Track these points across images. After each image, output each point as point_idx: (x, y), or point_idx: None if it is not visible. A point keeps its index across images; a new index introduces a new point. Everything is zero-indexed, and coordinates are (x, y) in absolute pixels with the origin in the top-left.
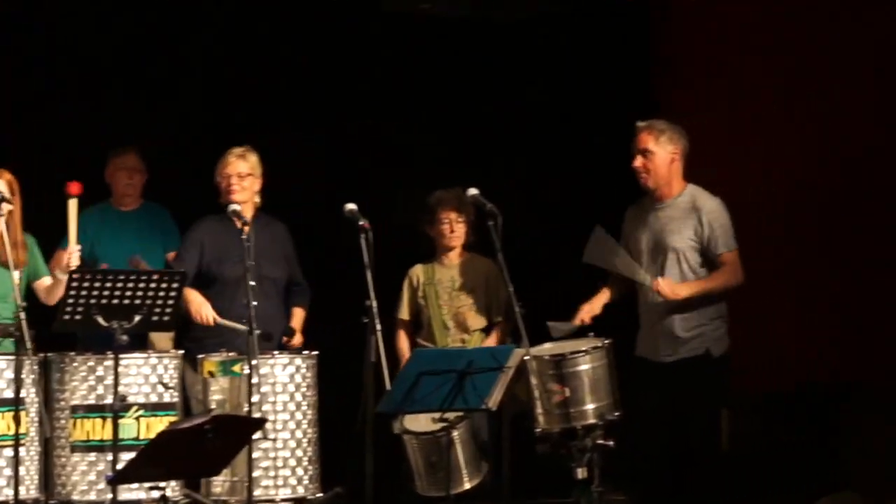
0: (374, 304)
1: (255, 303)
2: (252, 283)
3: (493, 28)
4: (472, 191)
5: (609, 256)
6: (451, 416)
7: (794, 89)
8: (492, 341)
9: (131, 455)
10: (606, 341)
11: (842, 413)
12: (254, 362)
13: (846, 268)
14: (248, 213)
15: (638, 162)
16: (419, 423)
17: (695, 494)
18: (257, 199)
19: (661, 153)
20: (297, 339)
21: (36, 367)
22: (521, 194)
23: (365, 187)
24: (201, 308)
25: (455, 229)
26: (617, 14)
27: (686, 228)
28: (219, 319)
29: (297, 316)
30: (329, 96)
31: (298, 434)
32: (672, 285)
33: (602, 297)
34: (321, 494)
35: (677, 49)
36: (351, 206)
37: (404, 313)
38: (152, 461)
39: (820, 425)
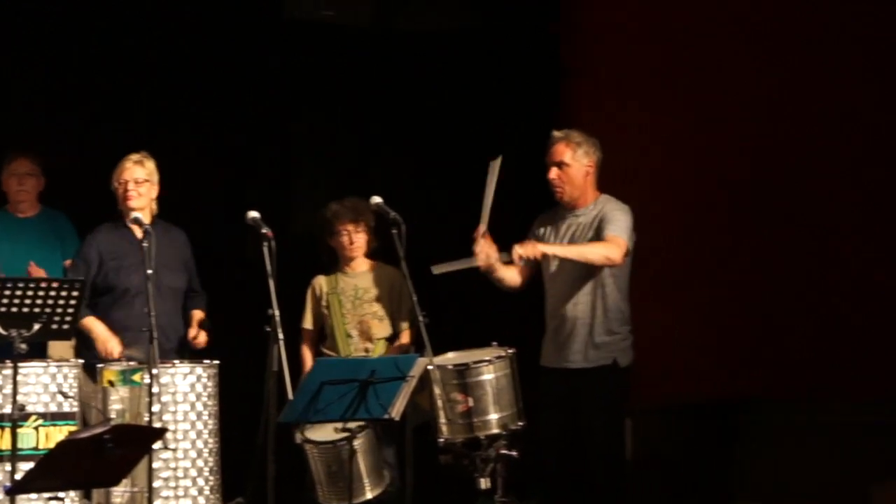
0: (277, 313)
1: (154, 312)
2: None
3: (396, 38)
4: (376, 199)
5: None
6: (353, 425)
7: (699, 101)
8: (399, 350)
9: (30, 465)
10: (510, 351)
11: (741, 425)
12: (154, 371)
13: (747, 283)
14: (146, 220)
15: (553, 174)
16: (321, 432)
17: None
18: (154, 207)
19: (576, 166)
20: (202, 338)
21: None
22: (427, 203)
23: (268, 195)
24: (107, 344)
25: (354, 240)
26: (525, 25)
27: (592, 235)
28: (125, 352)
29: (197, 316)
30: (230, 104)
31: (199, 444)
32: (535, 244)
33: (509, 269)
34: None
35: (586, 57)
36: (254, 214)
37: (308, 323)
38: (51, 471)
39: (719, 437)
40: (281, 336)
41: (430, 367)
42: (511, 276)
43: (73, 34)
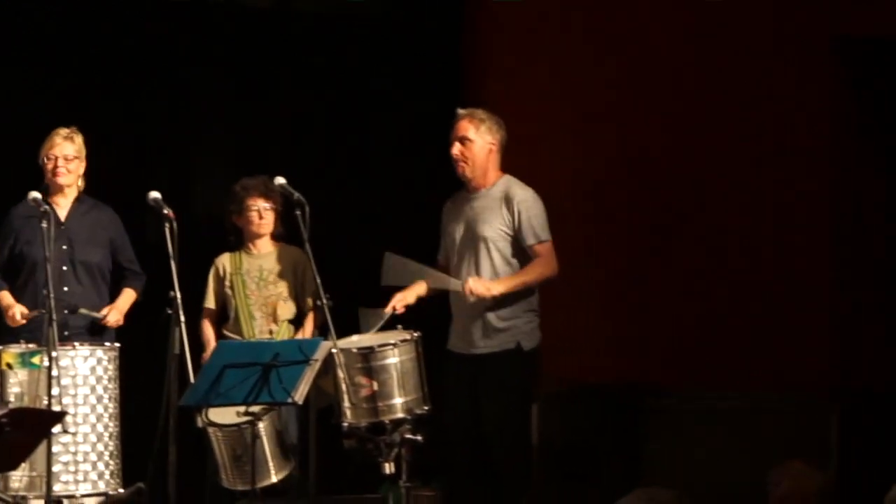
0: (179, 295)
1: (66, 288)
2: (65, 267)
3: (297, 18)
4: (279, 180)
5: (409, 276)
6: (256, 408)
7: (599, 82)
8: (305, 333)
9: None
10: (415, 334)
11: (646, 410)
12: (53, 354)
13: (649, 268)
14: (72, 197)
15: (455, 149)
16: (224, 415)
17: (504, 488)
18: (81, 183)
19: (479, 142)
20: (114, 317)
21: None
22: (331, 184)
23: (168, 176)
24: (9, 311)
25: (264, 216)
26: (427, 6)
27: (497, 218)
28: (26, 313)
29: (124, 295)
30: (127, 83)
31: (100, 428)
32: (485, 284)
33: (417, 288)
34: (123, 490)
35: (490, 41)
36: (154, 194)
37: (210, 302)
38: None
39: (625, 421)
40: (182, 318)
41: (333, 351)
42: (427, 288)
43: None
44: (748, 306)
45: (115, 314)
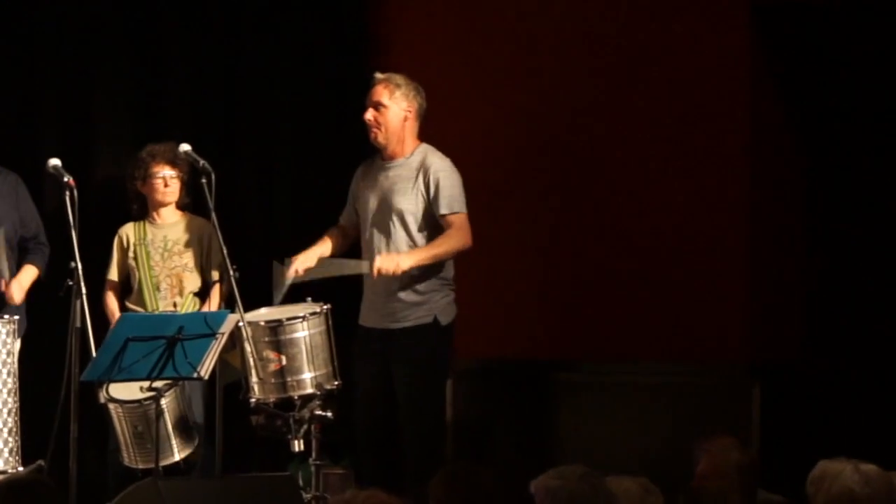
0: (80, 266)
1: None
2: None
3: None
4: (185, 146)
5: (315, 272)
6: (160, 384)
7: (515, 46)
8: (211, 306)
9: None
10: (325, 306)
11: (563, 385)
12: None
13: (567, 238)
14: None
15: (369, 115)
16: (127, 391)
17: (415, 467)
18: None
19: (394, 108)
20: (16, 294)
21: None
22: (238, 151)
23: (66, 142)
24: None
25: (169, 184)
26: None
27: (413, 189)
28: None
29: (26, 271)
30: (22, 43)
31: None
32: (393, 259)
33: (320, 247)
34: (22, 468)
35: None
36: (54, 161)
37: (113, 274)
38: None
39: (541, 397)
40: (84, 290)
41: (240, 324)
42: (333, 248)
43: None
44: (663, 276)
45: (17, 289)
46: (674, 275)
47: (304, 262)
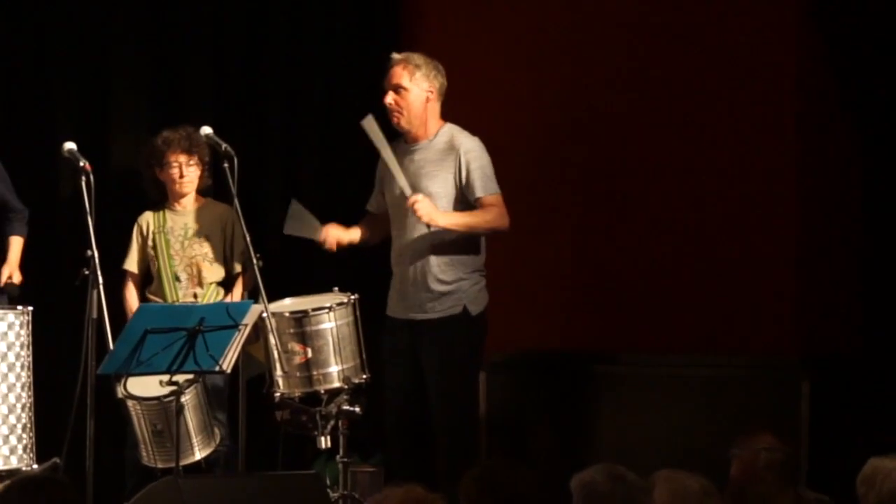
0: (96, 254)
1: None
2: None
3: None
4: (206, 129)
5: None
6: (180, 378)
7: (550, 24)
8: (234, 296)
9: None
10: (352, 296)
11: (601, 378)
12: None
13: (603, 224)
14: None
15: (389, 98)
16: (146, 386)
17: (448, 463)
18: None
19: (415, 90)
20: (16, 276)
21: None
22: (262, 135)
23: (83, 125)
24: None
25: (186, 174)
26: None
27: (442, 171)
28: None
29: (15, 245)
30: (37, 25)
31: (11, 399)
32: (431, 207)
33: (353, 233)
34: (37, 465)
35: None
36: (70, 145)
37: (132, 265)
38: None
39: (579, 391)
40: (101, 280)
41: (264, 315)
42: (363, 237)
43: None
44: (708, 264)
45: (9, 271)
46: (719, 263)
47: (336, 237)
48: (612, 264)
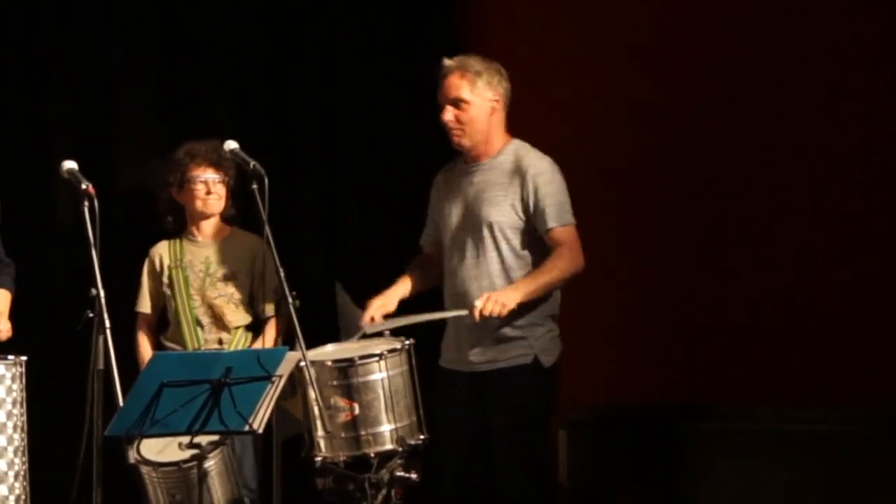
0: (102, 293)
1: None
2: None
3: None
4: (231, 144)
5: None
6: (203, 441)
7: (626, 22)
8: (266, 342)
9: None
10: (407, 342)
11: (690, 435)
12: None
13: (692, 259)
14: None
15: (448, 115)
16: (162, 450)
17: None
18: None
19: (477, 102)
20: (4, 327)
21: None
22: (294, 153)
23: (84, 143)
24: None
25: (213, 190)
26: None
27: (507, 197)
28: None
29: (1, 298)
30: (31, 31)
31: (2, 465)
32: (499, 299)
33: (400, 288)
34: None
35: None
36: (70, 164)
37: (144, 305)
38: None
39: (671, 450)
40: (108, 324)
41: (302, 364)
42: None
43: None
44: (816, 305)
45: (5, 324)
46: (829, 303)
47: (382, 308)
48: (702, 306)
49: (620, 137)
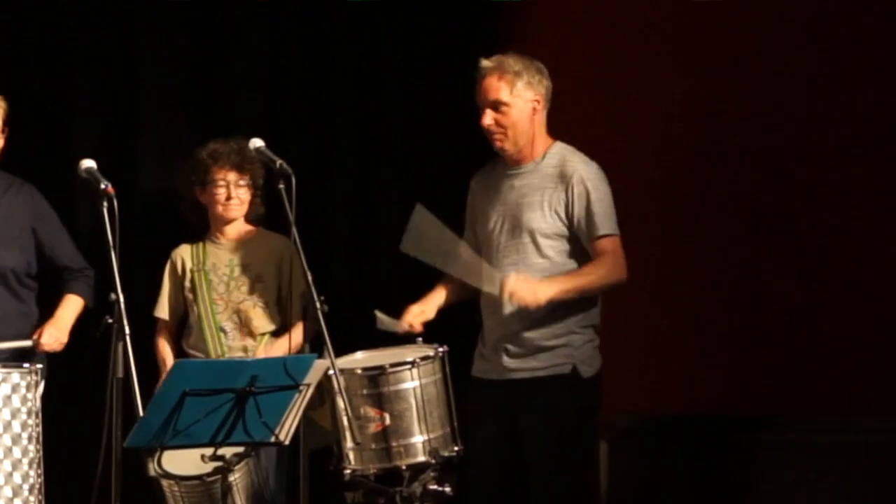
0: (122, 298)
1: None
2: None
3: None
4: (257, 142)
5: (435, 250)
6: (227, 452)
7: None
8: (294, 349)
9: None
10: (440, 349)
11: (749, 448)
12: None
13: (744, 266)
14: None
15: (488, 119)
16: (184, 462)
17: None
18: None
19: (518, 104)
20: (50, 338)
21: None
22: (326, 152)
23: (105, 142)
24: None
25: (235, 194)
26: None
27: (550, 203)
28: None
29: (67, 305)
30: (54, 29)
31: (17, 478)
32: (532, 287)
33: (437, 297)
34: None
35: None
36: (88, 163)
37: (164, 310)
38: None
39: (721, 463)
40: (127, 330)
41: (331, 372)
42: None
43: None
44: (882, 311)
45: (50, 334)
46: (885, 310)
47: (421, 315)
48: (754, 310)
49: (665, 145)
